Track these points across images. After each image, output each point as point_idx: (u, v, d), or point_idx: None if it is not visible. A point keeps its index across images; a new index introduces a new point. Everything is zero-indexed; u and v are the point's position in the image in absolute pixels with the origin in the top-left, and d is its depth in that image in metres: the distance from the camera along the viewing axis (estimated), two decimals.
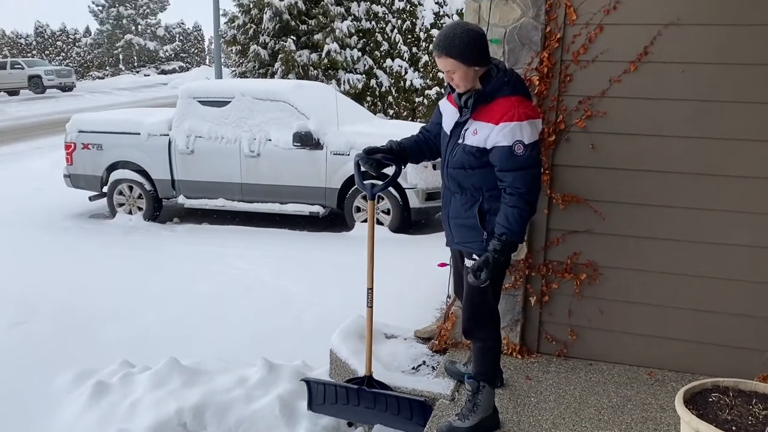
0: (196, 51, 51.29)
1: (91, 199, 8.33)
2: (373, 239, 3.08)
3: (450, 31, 2.52)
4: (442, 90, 13.65)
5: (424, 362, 3.53)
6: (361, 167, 2.96)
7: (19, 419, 3.43)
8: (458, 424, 2.79)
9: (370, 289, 3.11)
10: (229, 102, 7.68)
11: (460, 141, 2.67)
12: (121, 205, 8.18)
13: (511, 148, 2.48)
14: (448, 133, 2.77)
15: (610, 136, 3.27)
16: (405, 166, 3.08)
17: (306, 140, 7.28)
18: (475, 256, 2.67)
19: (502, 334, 3.52)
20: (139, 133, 7.92)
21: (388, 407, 3.07)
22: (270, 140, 7.49)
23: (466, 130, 2.64)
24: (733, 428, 2.05)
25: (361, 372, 3.26)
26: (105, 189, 8.20)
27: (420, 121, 12.63)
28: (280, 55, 13.40)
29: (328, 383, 3.24)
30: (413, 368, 3.44)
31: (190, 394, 3.42)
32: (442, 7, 14.60)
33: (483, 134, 2.55)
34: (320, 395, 3.22)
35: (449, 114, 2.78)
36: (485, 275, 2.47)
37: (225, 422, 3.26)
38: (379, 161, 2.90)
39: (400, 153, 2.95)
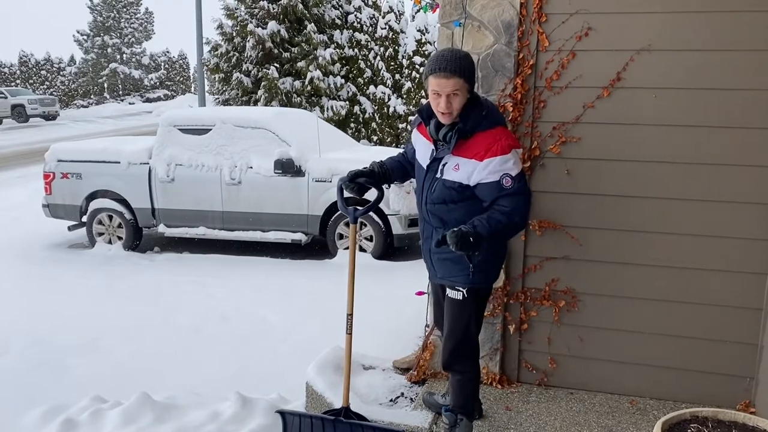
0: (181, 79, 51.35)
1: (70, 228, 8.21)
2: (354, 263, 2.99)
3: (453, 54, 2.51)
4: None
5: (402, 394, 3.46)
6: (344, 191, 2.94)
7: None
8: None
9: (350, 315, 2.99)
10: (210, 129, 7.64)
11: (438, 176, 2.63)
12: (100, 234, 8.07)
13: (499, 182, 2.47)
14: (425, 167, 2.72)
15: (585, 162, 3.26)
16: (389, 187, 3.07)
17: (287, 167, 7.24)
18: (458, 287, 2.66)
19: (482, 364, 3.47)
20: (119, 162, 7.85)
21: None
22: (251, 168, 7.44)
23: (444, 164, 2.61)
24: None
25: (338, 405, 3.17)
26: (84, 218, 8.09)
27: (404, 148, 12.66)
28: (263, 83, 13.44)
29: (304, 415, 3.12)
30: (391, 400, 3.36)
31: (161, 430, 3.31)
32: (424, 35, 14.76)
33: (466, 171, 2.52)
34: (295, 428, 3.10)
35: (423, 147, 2.75)
36: (449, 242, 2.38)
37: None
38: (361, 185, 2.89)
39: (383, 174, 2.93)
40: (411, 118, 13.79)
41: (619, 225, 3.25)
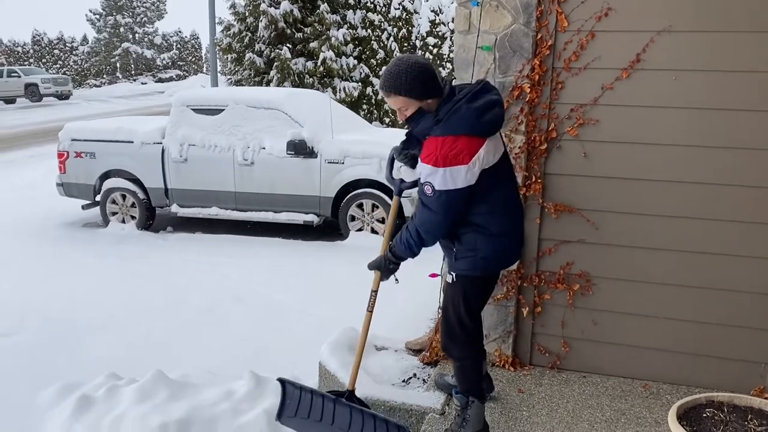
0: (193, 59, 51.30)
1: (84, 207, 8.26)
2: (390, 235, 2.88)
3: (395, 69, 2.44)
4: None
5: (414, 375, 3.47)
6: (395, 161, 2.84)
7: None
8: None
9: (375, 291, 2.84)
10: (223, 110, 7.63)
11: None
12: (114, 213, 8.11)
13: (423, 184, 2.47)
14: None
15: (603, 145, 3.22)
16: None
17: (300, 148, 7.23)
18: (450, 272, 2.69)
19: (494, 346, 3.48)
20: (132, 142, 7.87)
21: (364, 427, 2.81)
22: (264, 148, 7.43)
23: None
24: None
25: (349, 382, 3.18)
26: (98, 198, 8.14)
27: None
28: (275, 63, 13.37)
29: (305, 388, 3.00)
30: (403, 381, 3.37)
31: (175, 407, 3.34)
32: (437, 15, 14.60)
33: (419, 168, 2.53)
34: (294, 402, 2.97)
35: None
36: (373, 265, 2.75)
37: None
38: (415, 156, 2.69)
39: None
40: None
41: (636, 209, 3.22)
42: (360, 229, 7.41)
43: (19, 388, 3.82)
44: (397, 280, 2.81)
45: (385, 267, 2.73)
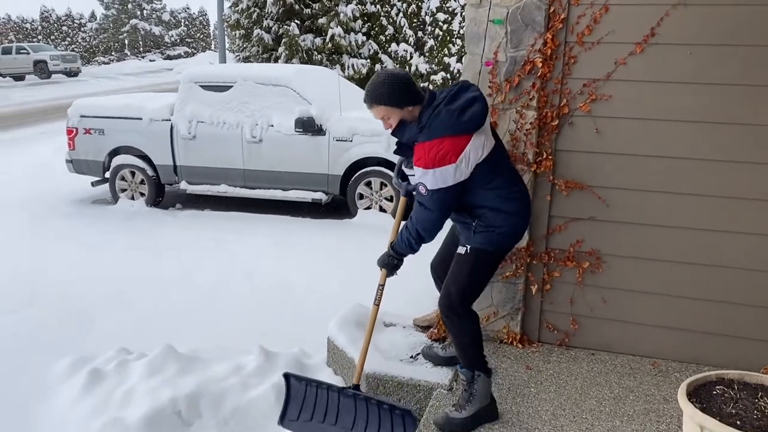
0: (201, 36, 51.04)
1: (93, 184, 8.27)
2: (395, 232, 2.96)
3: (374, 82, 2.64)
4: (448, 75, 13.51)
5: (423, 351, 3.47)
6: (403, 165, 2.93)
7: (15, 408, 3.39)
8: (455, 415, 2.73)
9: (381, 286, 2.96)
10: (231, 87, 7.59)
11: None
12: (123, 190, 8.13)
13: (417, 185, 2.64)
14: None
15: (615, 121, 3.18)
16: None
17: (308, 126, 7.19)
18: (463, 244, 2.74)
19: (502, 323, 3.48)
20: (140, 118, 7.85)
21: (369, 417, 2.83)
22: (272, 126, 7.40)
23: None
24: (738, 422, 1.98)
25: (358, 358, 3.20)
26: (107, 174, 8.15)
27: None
28: (283, 40, 13.28)
29: (310, 382, 3.03)
30: (411, 357, 3.38)
31: (185, 382, 3.38)
32: None
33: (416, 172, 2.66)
34: (298, 400, 3.01)
35: None
36: (380, 263, 2.88)
37: (220, 411, 3.22)
38: None
39: None
40: (433, 77, 13.58)
41: (648, 186, 3.19)
42: (368, 208, 7.39)
43: (31, 362, 3.87)
44: (396, 273, 2.93)
45: (390, 263, 2.86)
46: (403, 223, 2.90)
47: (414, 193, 2.75)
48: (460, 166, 2.52)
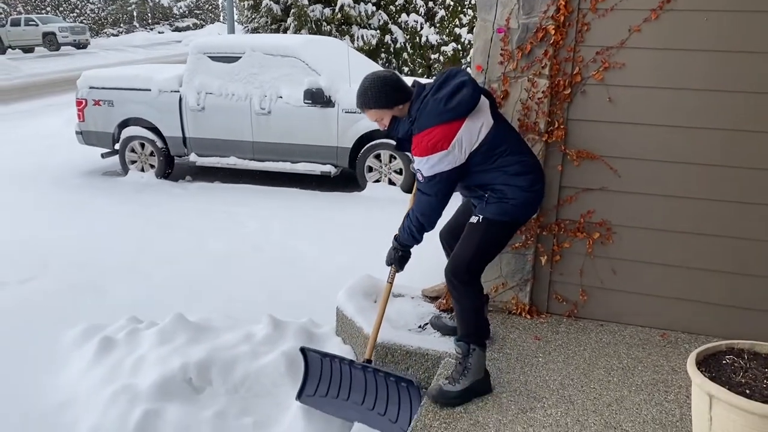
0: (210, 8, 50.54)
1: (103, 156, 8.29)
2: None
3: (361, 87, 2.76)
4: (459, 46, 13.33)
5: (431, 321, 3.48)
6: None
7: (28, 374, 3.45)
8: (448, 388, 2.72)
9: (393, 276, 3.02)
10: (240, 57, 7.53)
11: None
12: (133, 162, 8.14)
13: (415, 172, 2.72)
14: None
15: (629, 89, 3.13)
16: None
17: (317, 97, 7.13)
18: (476, 214, 2.76)
19: (511, 294, 3.47)
20: (149, 90, 7.82)
21: (378, 391, 2.86)
22: (281, 97, 7.35)
23: None
24: (747, 391, 1.97)
25: (367, 329, 3.21)
26: (117, 146, 8.16)
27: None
28: (292, 10, 13.13)
29: (325, 355, 3.06)
30: (420, 327, 3.39)
31: (195, 350, 3.41)
32: None
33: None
34: (315, 374, 3.06)
35: None
36: (387, 260, 2.96)
37: (230, 378, 3.25)
38: None
39: None
40: (444, 48, 13.41)
41: (661, 156, 3.14)
42: (377, 180, 7.37)
43: (44, 329, 3.92)
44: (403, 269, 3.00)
45: (396, 257, 2.92)
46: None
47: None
48: (453, 152, 2.59)
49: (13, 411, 3.13)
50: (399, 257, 2.92)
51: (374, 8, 13.62)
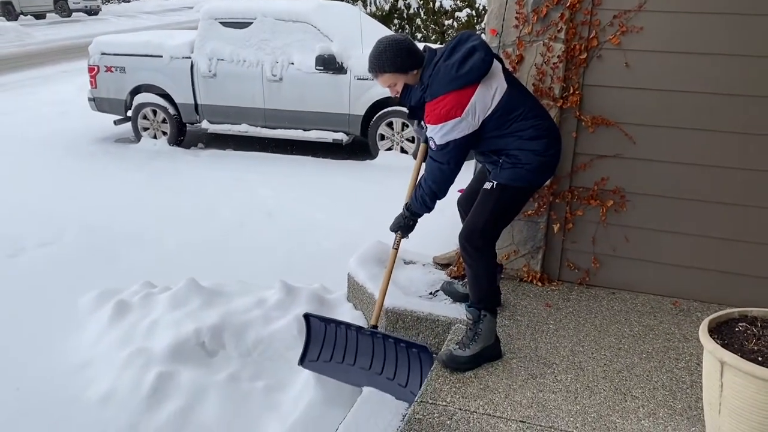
0: None
1: (115, 123, 8.30)
2: (414, 180, 2.94)
3: (375, 51, 2.67)
4: (473, 13, 13.09)
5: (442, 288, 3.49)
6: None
7: (44, 337, 3.51)
8: (458, 353, 2.74)
9: (398, 243, 2.96)
10: (251, 23, 7.45)
11: None
12: (145, 129, 8.15)
13: (428, 140, 2.70)
14: None
15: (647, 54, 3.06)
16: None
17: (329, 64, 7.06)
18: (490, 180, 2.74)
19: (522, 262, 3.46)
20: (161, 56, 7.78)
21: (387, 356, 2.87)
22: (292, 64, 7.29)
23: None
24: (759, 358, 1.96)
25: (377, 294, 3.22)
26: (129, 113, 8.16)
27: None
28: None
29: (330, 321, 3.07)
30: (430, 293, 3.40)
31: (208, 314, 3.45)
32: None
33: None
34: (318, 340, 3.08)
35: None
36: (393, 227, 2.92)
37: (243, 342, 3.29)
38: None
39: None
40: (458, 14, 13.18)
41: (677, 122, 3.09)
42: (389, 149, 7.33)
43: (61, 292, 3.98)
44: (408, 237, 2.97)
45: (405, 224, 2.89)
46: (424, 163, 2.87)
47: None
48: (466, 119, 2.55)
49: (35, 371, 3.19)
50: (408, 225, 2.89)
51: None
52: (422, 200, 2.78)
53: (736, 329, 2.13)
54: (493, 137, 2.66)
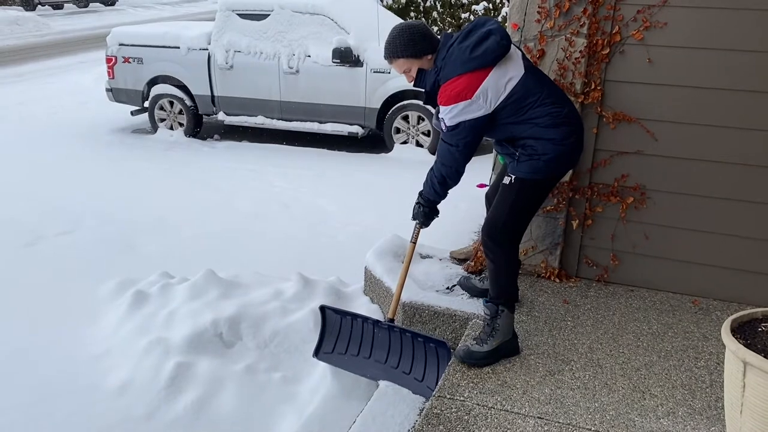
0: None
1: (133, 113, 8.35)
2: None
3: (390, 37, 2.68)
4: (490, 6, 13.01)
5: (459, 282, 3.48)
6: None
7: (64, 326, 3.54)
8: (476, 348, 2.73)
9: (417, 231, 2.95)
10: (268, 15, 7.45)
11: None
12: (162, 120, 8.19)
13: (439, 122, 2.68)
14: None
15: (670, 50, 3.03)
16: None
17: (345, 56, 7.06)
18: (509, 174, 2.71)
19: (540, 258, 3.45)
20: (178, 47, 7.80)
21: (403, 349, 2.87)
22: (309, 56, 7.29)
23: None
24: None
25: (395, 289, 3.22)
26: (146, 104, 8.20)
27: None
28: None
29: (346, 313, 3.07)
30: (447, 288, 3.40)
31: (226, 305, 3.47)
32: None
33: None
34: (333, 333, 3.07)
35: None
36: (413, 216, 2.89)
37: (260, 334, 3.30)
38: None
39: None
40: (474, 7, 13.11)
41: (699, 119, 3.06)
42: (405, 142, 7.32)
43: (79, 282, 4.01)
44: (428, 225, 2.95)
45: (420, 212, 2.86)
46: None
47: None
48: (477, 102, 2.52)
49: (55, 359, 3.23)
50: (424, 212, 2.85)
51: None
52: (431, 184, 2.76)
53: (759, 329, 2.10)
54: (508, 123, 2.61)
